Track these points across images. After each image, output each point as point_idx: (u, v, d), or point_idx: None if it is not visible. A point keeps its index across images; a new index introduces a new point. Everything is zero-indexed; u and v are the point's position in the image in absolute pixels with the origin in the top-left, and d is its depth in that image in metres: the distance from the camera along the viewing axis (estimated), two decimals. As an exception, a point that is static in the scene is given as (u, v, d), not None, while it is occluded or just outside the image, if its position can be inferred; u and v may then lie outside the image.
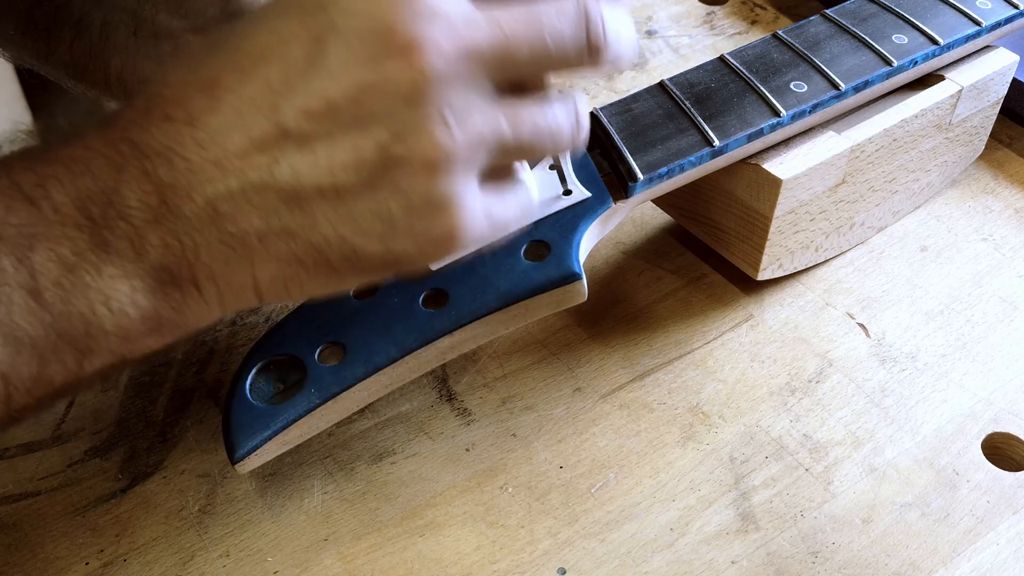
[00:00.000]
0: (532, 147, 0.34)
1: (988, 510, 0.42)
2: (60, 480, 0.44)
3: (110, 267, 0.31)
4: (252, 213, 0.31)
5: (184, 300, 0.33)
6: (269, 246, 0.32)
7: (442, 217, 0.32)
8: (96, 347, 0.32)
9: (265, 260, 0.32)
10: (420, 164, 0.31)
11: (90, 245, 0.31)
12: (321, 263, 0.33)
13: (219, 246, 0.32)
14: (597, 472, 0.44)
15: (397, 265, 0.33)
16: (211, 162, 0.31)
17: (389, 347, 0.39)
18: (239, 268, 0.33)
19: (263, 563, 0.41)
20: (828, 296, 0.51)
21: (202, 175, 0.31)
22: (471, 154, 0.31)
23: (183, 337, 0.34)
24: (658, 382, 0.48)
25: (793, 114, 0.46)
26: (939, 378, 0.48)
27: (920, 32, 0.50)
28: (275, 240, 0.32)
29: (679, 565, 0.41)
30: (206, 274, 0.32)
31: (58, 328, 0.31)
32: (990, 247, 0.54)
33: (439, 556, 0.41)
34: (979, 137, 0.56)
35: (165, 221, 0.31)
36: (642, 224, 0.56)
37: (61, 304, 0.31)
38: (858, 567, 0.40)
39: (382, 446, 0.45)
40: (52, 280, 0.31)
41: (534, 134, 0.33)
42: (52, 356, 0.31)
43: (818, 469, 0.44)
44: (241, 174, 0.31)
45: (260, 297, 0.34)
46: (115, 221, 0.31)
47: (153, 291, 0.32)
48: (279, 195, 0.31)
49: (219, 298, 0.33)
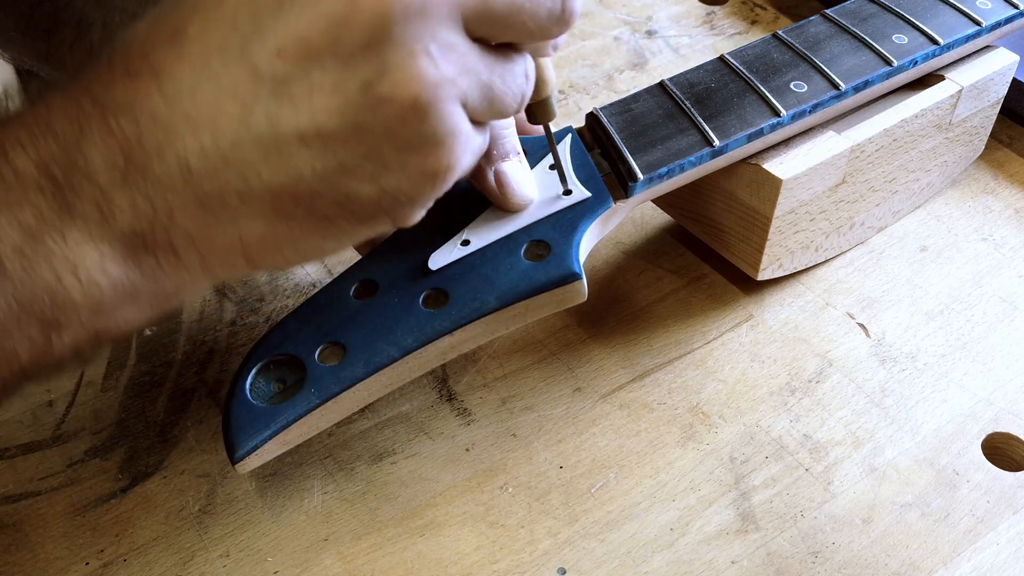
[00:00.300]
0: (502, 100, 0.33)
1: (988, 510, 0.42)
2: (60, 480, 0.44)
3: (76, 232, 0.29)
4: (229, 169, 0.29)
5: (160, 267, 0.31)
6: (252, 203, 0.30)
7: (434, 151, 0.30)
8: (65, 320, 0.30)
9: (250, 219, 0.30)
10: (409, 101, 0.29)
11: (54, 209, 0.29)
12: (312, 215, 0.31)
13: (195, 207, 0.30)
14: (597, 472, 0.44)
15: (392, 207, 0.32)
16: (180, 116, 0.29)
17: (389, 347, 0.39)
18: (221, 230, 0.30)
19: (263, 563, 0.41)
20: (828, 296, 0.51)
21: (171, 131, 0.29)
22: (458, 87, 0.30)
23: (168, 308, 0.32)
24: (658, 382, 0.48)
25: (793, 114, 0.46)
26: (939, 378, 0.48)
27: (920, 32, 0.50)
28: (257, 197, 0.30)
29: (679, 565, 0.41)
30: (184, 238, 0.30)
31: (20, 298, 0.29)
32: (990, 247, 0.54)
33: (439, 556, 0.41)
34: (979, 137, 0.56)
35: (133, 182, 0.29)
36: (642, 224, 0.56)
37: (23, 272, 0.29)
38: (858, 567, 0.40)
39: (382, 446, 0.45)
40: (12, 246, 0.29)
41: (503, 86, 0.32)
42: (15, 329, 0.29)
43: (818, 469, 0.44)
44: (213, 127, 0.29)
45: (251, 261, 0.32)
46: (80, 183, 0.29)
47: (125, 258, 0.30)
48: (257, 147, 0.29)
49: (202, 264, 0.31)
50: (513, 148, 0.42)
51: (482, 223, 0.42)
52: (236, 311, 0.51)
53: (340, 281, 0.41)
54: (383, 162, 0.30)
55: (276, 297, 0.52)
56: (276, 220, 0.31)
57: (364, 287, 0.41)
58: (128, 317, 0.31)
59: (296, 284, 0.52)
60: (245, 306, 0.51)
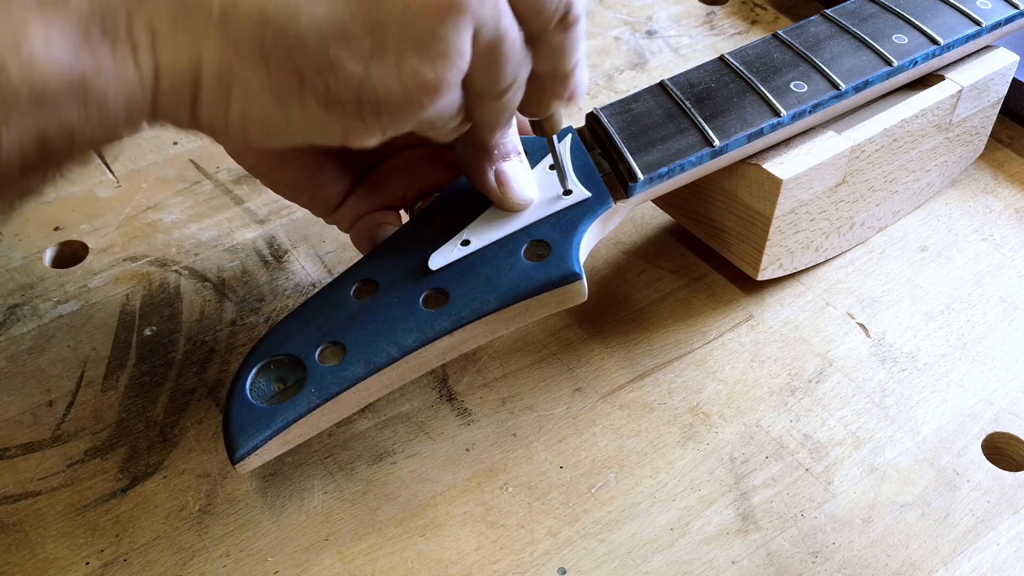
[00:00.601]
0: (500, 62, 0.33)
1: (988, 510, 0.42)
2: (60, 480, 0.44)
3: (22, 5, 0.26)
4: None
5: (114, 60, 0.27)
6: (231, 26, 0.28)
7: (434, 60, 0.30)
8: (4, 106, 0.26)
9: (221, 44, 0.28)
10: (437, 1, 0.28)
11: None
12: (284, 68, 0.28)
13: (167, 5, 0.27)
14: (597, 472, 0.44)
15: (363, 103, 0.30)
16: None
17: (389, 347, 0.39)
18: (185, 42, 0.28)
19: (263, 563, 0.41)
20: (828, 296, 0.51)
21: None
22: (481, 14, 0.30)
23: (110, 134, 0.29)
24: (658, 382, 0.48)
25: (793, 114, 0.46)
26: (939, 378, 0.48)
27: (920, 32, 0.50)
28: (242, 20, 0.28)
29: (679, 565, 0.41)
30: (146, 33, 0.27)
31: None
32: (990, 247, 0.54)
33: (439, 556, 0.41)
34: (979, 137, 0.56)
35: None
36: (642, 224, 0.56)
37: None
38: (858, 567, 0.40)
39: (382, 446, 0.45)
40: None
41: (507, 49, 0.32)
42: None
43: (818, 469, 0.44)
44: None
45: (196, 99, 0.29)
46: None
47: (76, 44, 0.27)
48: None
49: (153, 74, 0.28)
50: (514, 148, 0.42)
51: (482, 223, 0.42)
52: (236, 311, 0.51)
53: (340, 281, 0.41)
54: (383, 45, 0.29)
55: (276, 297, 0.52)
56: (247, 58, 0.28)
57: (364, 287, 0.41)
58: (72, 121, 0.28)
59: (296, 284, 0.52)
60: (245, 306, 0.51)
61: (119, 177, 0.59)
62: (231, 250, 0.54)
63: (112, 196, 0.57)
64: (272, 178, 0.45)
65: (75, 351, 0.49)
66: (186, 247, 0.54)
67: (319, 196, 0.45)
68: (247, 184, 0.58)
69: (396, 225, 0.45)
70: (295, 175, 0.45)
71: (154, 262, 0.53)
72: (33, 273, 0.53)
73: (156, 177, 0.59)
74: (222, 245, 0.54)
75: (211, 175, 0.59)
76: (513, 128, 0.42)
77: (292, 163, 0.44)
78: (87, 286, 0.52)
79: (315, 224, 0.55)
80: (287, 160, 0.44)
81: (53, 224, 0.56)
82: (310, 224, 0.55)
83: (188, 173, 0.59)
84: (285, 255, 0.54)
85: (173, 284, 0.52)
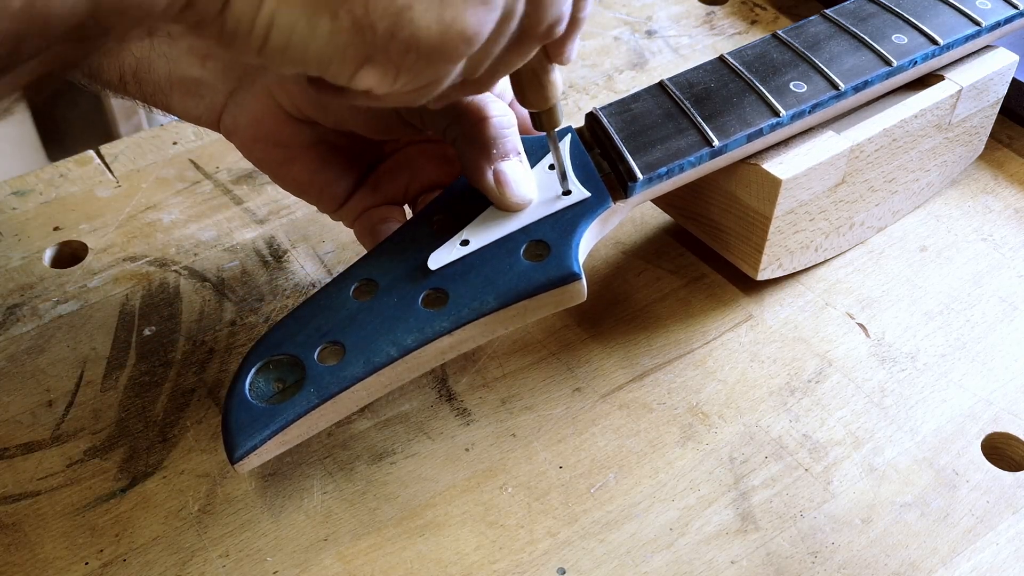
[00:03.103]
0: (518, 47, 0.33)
1: (988, 510, 0.42)
2: (60, 480, 0.44)
3: None
4: None
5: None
6: None
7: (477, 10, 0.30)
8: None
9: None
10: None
11: None
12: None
13: None
14: (597, 472, 0.44)
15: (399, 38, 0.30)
16: None
17: (388, 347, 0.39)
18: None
19: (263, 563, 0.41)
20: (828, 296, 0.51)
21: None
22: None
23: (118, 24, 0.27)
24: (658, 382, 0.48)
25: (793, 114, 0.46)
26: (939, 378, 0.48)
27: (920, 32, 0.50)
28: None
29: (679, 565, 0.41)
30: None
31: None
32: (990, 247, 0.54)
33: (439, 556, 0.41)
34: (979, 137, 0.56)
35: None
36: (642, 224, 0.56)
37: None
38: (858, 567, 0.40)
39: (382, 446, 0.45)
40: None
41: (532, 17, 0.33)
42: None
43: (818, 469, 0.44)
44: None
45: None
46: None
47: None
48: None
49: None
50: (513, 148, 0.42)
51: (482, 223, 0.42)
52: (236, 311, 0.51)
53: (339, 281, 0.41)
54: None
55: (276, 297, 0.52)
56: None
57: (363, 287, 0.41)
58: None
59: (296, 284, 0.52)
60: (244, 306, 0.51)
61: (119, 177, 0.59)
62: (231, 250, 0.54)
63: (112, 196, 0.57)
64: (279, 173, 0.46)
65: (74, 351, 0.49)
66: (186, 247, 0.54)
67: (325, 192, 0.46)
68: (247, 184, 0.58)
69: (399, 220, 0.46)
70: (302, 171, 0.46)
71: (153, 262, 0.53)
72: (33, 273, 0.53)
73: (156, 177, 0.59)
74: (222, 245, 0.54)
75: (211, 175, 0.59)
76: (513, 128, 0.42)
77: (299, 159, 0.45)
78: (86, 286, 0.52)
79: (314, 224, 0.55)
80: (294, 156, 0.45)
81: (53, 224, 0.56)
82: (309, 224, 0.55)
83: (188, 173, 0.59)
84: (284, 255, 0.54)
85: (172, 284, 0.52)
